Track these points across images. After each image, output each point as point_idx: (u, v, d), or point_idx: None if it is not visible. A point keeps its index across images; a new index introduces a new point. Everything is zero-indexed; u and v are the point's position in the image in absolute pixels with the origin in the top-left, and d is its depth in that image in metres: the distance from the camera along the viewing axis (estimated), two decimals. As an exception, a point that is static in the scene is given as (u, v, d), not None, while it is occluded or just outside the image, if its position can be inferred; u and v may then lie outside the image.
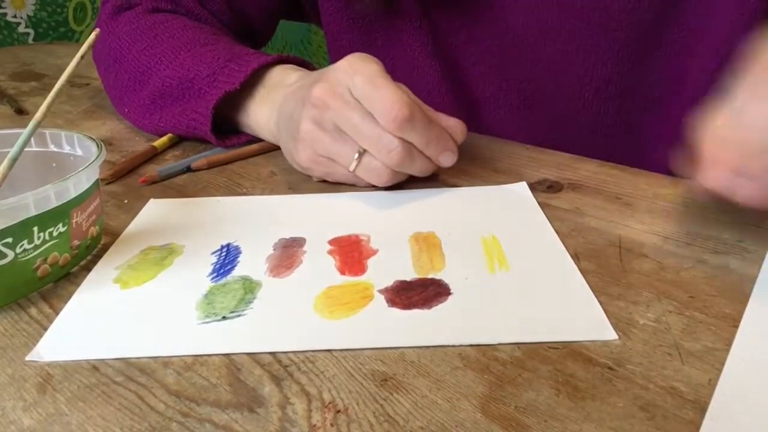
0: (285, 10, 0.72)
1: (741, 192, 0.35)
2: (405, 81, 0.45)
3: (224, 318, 0.33)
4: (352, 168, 0.44)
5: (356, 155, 0.44)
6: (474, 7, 0.60)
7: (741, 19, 0.52)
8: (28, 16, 1.22)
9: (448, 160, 0.45)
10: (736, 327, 0.31)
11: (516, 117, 0.63)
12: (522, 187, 0.47)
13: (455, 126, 0.45)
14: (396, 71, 0.44)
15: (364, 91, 0.42)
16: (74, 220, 0.36)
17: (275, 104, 0.52)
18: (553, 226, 0.41)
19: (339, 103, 0.43)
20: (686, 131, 0.59)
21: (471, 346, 0.30)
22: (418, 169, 0.45)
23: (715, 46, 0.54)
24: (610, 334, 0.30)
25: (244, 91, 0.53)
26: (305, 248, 0.39)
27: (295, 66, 0.55)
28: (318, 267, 0.37)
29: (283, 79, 0.53)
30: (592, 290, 0.34)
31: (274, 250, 0.39)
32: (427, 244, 0.39)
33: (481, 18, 0.60)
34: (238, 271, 0.37)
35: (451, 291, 0.34)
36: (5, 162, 0.36)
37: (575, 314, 0.32)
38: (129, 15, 0.64)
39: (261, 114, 0.54)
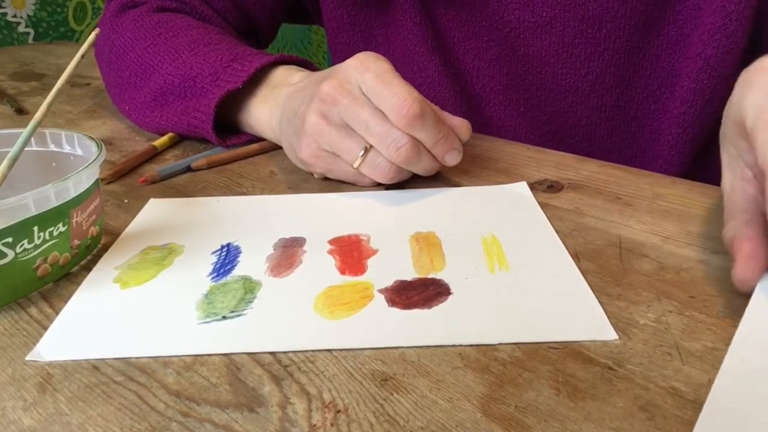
0: (288, 9, 0.72)
1: None
2: (405, 76, 0.45)
3: (224, 318, 0.33)
4: (356, 165, 0.44)
5: (362, 151, 0.44)
6: (471, 2, 0.60)
7: (734, 6, 0.53)
8: (28, 15, 1.22)
9: (453, 159, 0.45)
10: (736, 327, 0.31)
11: (516, 111, 0.64)
12: (522, 187, 0.47)
13: (460, 125, 0.46)
14: (396, 67, 0.44)
15: (375, 88, 0.42)
16: (74, 220, 0.36)
17: (278, 102, 0.52)
18: (553, 226, 0.41)
19: (348, 98, 0.43)
20: (685, 124, 0.59)
21: (471, 346, 0.30)
22: (423, 167, 0.45)
23: (710, 34, 0.54)
24: (610, 334, 0.30)
25: (246, 89, 0.54)
26: (305, 248, 0.39)
27: (297, 66, 0.55)
28: (318, 267, 0.37)
29: (286, 79, 0.53)
30: (592, 290, 0.34)
31: (274, 249, 0.39)
32: (427, 243, 0.39)
33: (478, 13, 0.61)
34: (238, 271, 0.37)
35: (451, 291, 0.34)
36: (5, 162, 0.36)
37: (575, 314, 0.32)
38: (134, 13, 0.64)
39: (263, 112, 0.54)
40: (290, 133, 0.48)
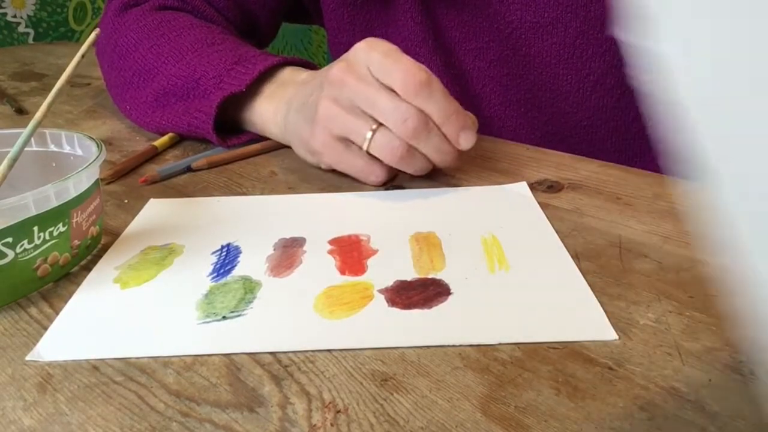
0: (289, 9, 0.72)
1: None
2: None
3: (224, 318, 0.33)
4: (365, 147, 0.44)
5: (369, 132, 0.44)
6: (473, 2, 0.60)
7: None
8: (28, 16, 1.22)
9: (467, 140, 0.43)
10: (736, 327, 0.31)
11: (517, 111, 0.64)
12: (522, 187, 0.47)
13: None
14: None
15: (382, 65, 0.42)
16: (74, 220, 0.36)
17: (284, 98, 0.52)
18: (553, 226, 0.41)
19: (355, 78, 0.43)
20: None
21: (471, 346, 0.30)
22: (433, 147, 0.43)
23: None
24: (610, 334, 0.30)
25: (249, 89, 0.54)
26: (305, 248, 0.39)
27: (302, 67, 0.55)
28: (318, 267, 0.37)
29: (293, 77, 0.54)
30: (592, 290, 0.34)
31: (274, 250, 0.39)
32: (427, 244, 0.39)
33: (479, 13, 0.61)
34: (238, 271, 0.37)
35: (451, 291, 0.34)
36: (5, 162, 0.36)
37: (575, 314, 0.32)
38: (135, 12, 0.64)
39: (268, 108, 0.54)
40: (300, 124, 0.48)
